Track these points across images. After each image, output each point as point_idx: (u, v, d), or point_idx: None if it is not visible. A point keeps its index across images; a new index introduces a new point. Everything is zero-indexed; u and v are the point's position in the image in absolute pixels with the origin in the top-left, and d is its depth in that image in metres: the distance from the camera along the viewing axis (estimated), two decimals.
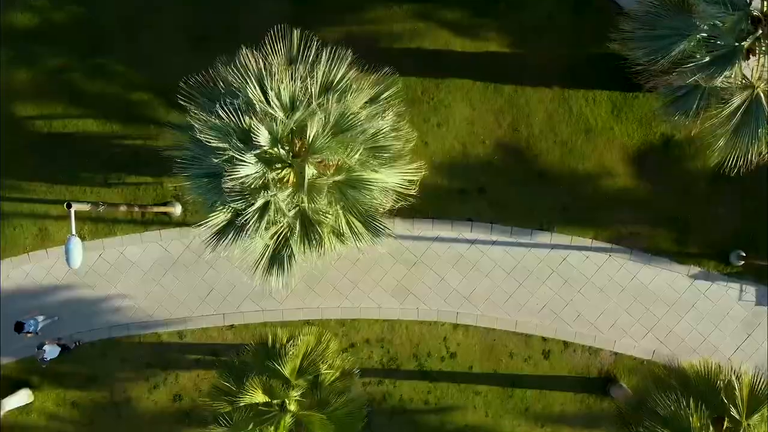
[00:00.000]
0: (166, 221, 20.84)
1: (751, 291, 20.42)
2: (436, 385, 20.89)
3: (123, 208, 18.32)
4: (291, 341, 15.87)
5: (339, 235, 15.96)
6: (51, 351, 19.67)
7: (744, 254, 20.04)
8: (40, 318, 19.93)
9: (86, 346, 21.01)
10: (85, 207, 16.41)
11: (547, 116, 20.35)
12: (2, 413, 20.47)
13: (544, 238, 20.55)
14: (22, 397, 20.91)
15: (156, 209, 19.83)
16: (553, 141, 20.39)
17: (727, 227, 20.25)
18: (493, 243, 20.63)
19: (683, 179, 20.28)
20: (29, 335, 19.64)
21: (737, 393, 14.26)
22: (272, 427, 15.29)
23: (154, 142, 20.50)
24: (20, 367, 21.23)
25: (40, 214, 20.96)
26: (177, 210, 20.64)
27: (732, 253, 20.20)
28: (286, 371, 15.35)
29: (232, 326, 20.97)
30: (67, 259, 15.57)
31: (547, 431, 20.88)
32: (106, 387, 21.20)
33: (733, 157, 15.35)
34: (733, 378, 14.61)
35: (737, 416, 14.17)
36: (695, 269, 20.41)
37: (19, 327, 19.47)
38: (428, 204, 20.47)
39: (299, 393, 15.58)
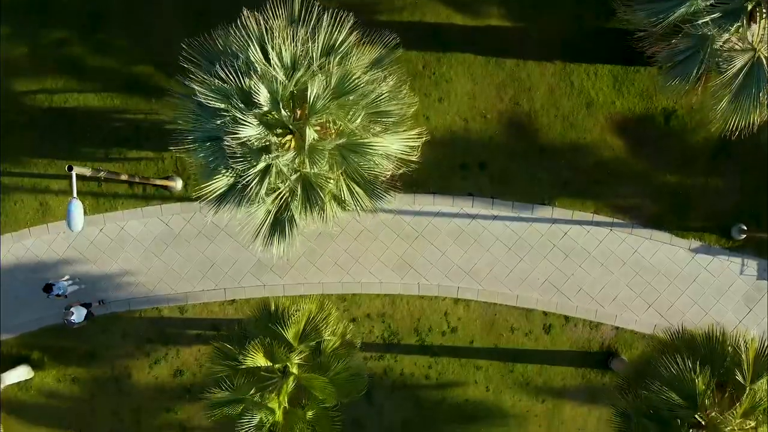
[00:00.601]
0: (167, 196, 20.83)
1: (752, 265, 20.40)
2: (437, 360, 20.86)
3: (124, 178, 18.31)
4: (294, 307, 15.84)
5: (340, 201, 15.97)
6: (78, 314, 19.63)
7: (745, 228, 20.02)
8: (67, 283, 19.92)
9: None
10: (86, 171, 16.39)
11: (548, 90, 20.35)
12: (2, 387, 20.43)
13: (545, 212, 20.54)
14: (21, 373, 20.87)
15: (157, 182, 19.81)
16: (554, 115, 20.38)
17: (728, 201, 20.24)
18: (494, 218, 20.62)
19: (684, 153, 20.27)
20: (58, 297, 19.67)
21: (743, 357, 14.19)
22: (274, 393, 15.24)
23: (156, 116, 20.53)
24: (20, 343, 21.22)
25: (41, 189, 20.96)
26: (178, 185, 20.63)
27: (733, 227, 20.18)
28: (289, 335, 15.31)
29: (233, 301, 20.95)
30: (69, 222, 15.52)
31: (548, 406, 20.84)
32: (106, 362, 21.18)
33: (735, 121, 15.31)
34: (740, 343, 14.54)
35: (742, 381, 14.10)
36: (696, 243, 20.40)
37: (48, 288, 19.51)
38: (429, 179, 20.51)
39: (301, 357, 15.55)
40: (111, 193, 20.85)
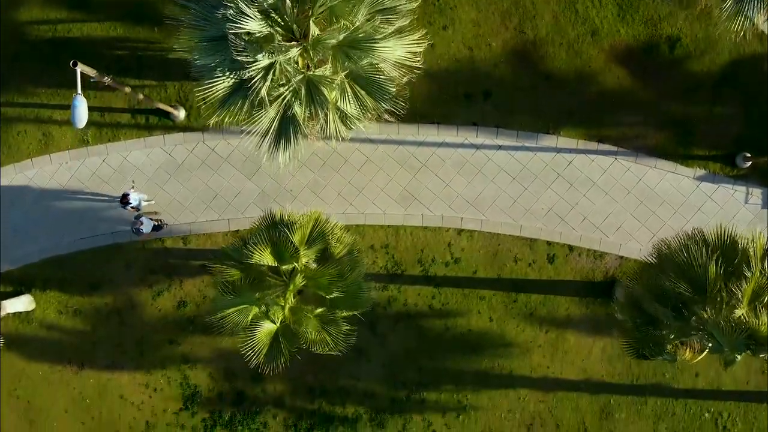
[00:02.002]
0: (169, 126, 20.78)
1: (757, 194, 20.37)
2: (440, 290, 20.79)
3: (127, 90, 18.23)
4: (300, 213, 15.78)
5: (345, 117, 15.94)
6: (147, 224, 19.62)
7: (749, 156, 19.97)
8: (139, 196, 19.79)
9: (88, 252, 20.93)
10: (91, 71, 16.30)
11: (553, 18, 20.30)
12: (2, 314, 20.31)
13: (549, 141, 20.48)
14: (23, 303, 20.76)
15: (160, 105, 19.74)
16: (559, 44, 20.34)
17: (733, 129, 20.22)
18: (499, 147, 20.56)
19: (689, 81, 20.24)
20: (132, 210, 19.69)
21: (751, 251, 14.19)
22: (280, 296, 15.13)
23: (159, 45, 20.49)
24: (22, 274, 21.12)
25: (44, 119, 20.89)
26: (181, 114, 20.58)
27: (737, 155, 20.14)
28: (295, 238, 15.19)
29: (236, 231, 20.86)
30: (73, 118, 15.55)
31: (551, 336, 20.77)
32: (109, 294, 21.08)
33: (740, 23, 15.27)
34: (749, 238, 14.59)
35: (749, 274, 14.06)
36: (701, 171, 20.36)
37: (125, 199, 19.41)
38: (433, 108, 20.46)
39: (309, 259, 15.46)
40: (113, 123, 20.80)
